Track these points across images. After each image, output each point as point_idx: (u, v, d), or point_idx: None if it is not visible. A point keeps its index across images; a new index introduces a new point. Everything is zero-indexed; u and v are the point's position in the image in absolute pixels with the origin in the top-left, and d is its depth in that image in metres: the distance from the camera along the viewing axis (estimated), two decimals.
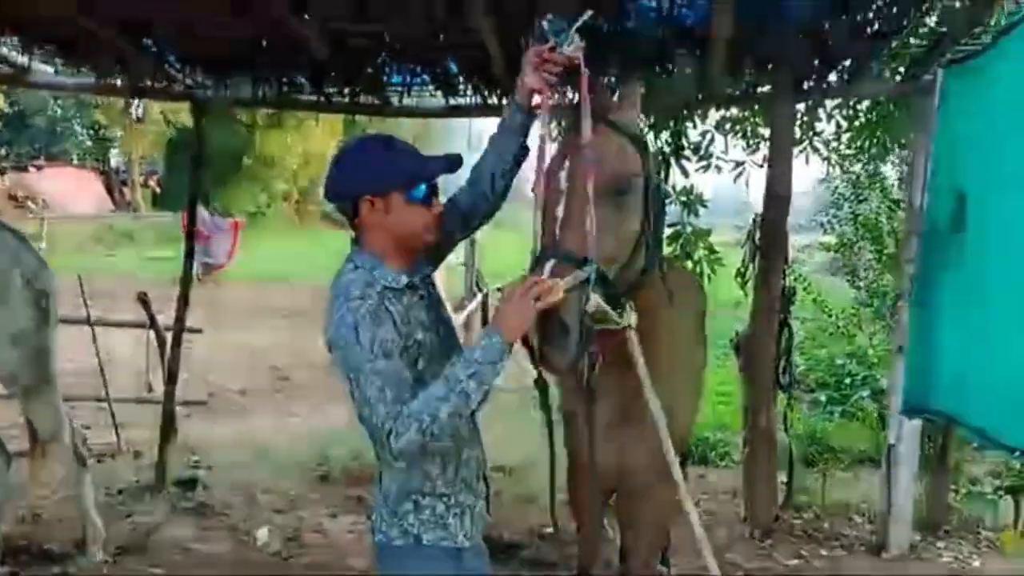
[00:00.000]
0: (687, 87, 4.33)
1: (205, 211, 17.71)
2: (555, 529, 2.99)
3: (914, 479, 4.41)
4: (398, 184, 1.99)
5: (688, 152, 5.27)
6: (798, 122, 5.01)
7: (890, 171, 5.99)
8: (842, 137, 5.50)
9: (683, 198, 5.22)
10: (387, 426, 1.82)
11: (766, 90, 4.39)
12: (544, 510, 2.70)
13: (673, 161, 5.06)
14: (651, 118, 5.31)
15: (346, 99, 4.28)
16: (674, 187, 5.12)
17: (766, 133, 5.75)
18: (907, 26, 3.58)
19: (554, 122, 3.33)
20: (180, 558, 4.26)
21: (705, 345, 2.97)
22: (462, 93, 4.17)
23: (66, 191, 27.08)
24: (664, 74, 3.97)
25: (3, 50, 4.34)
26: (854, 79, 4.22)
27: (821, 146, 5.88)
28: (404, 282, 2.00)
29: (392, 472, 2.04)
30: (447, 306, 2.30)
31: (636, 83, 2.39)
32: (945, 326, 3.30)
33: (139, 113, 29.22)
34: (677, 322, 2.53)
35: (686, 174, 5.17)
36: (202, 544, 4.43)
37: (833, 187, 6.30)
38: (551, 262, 1.94)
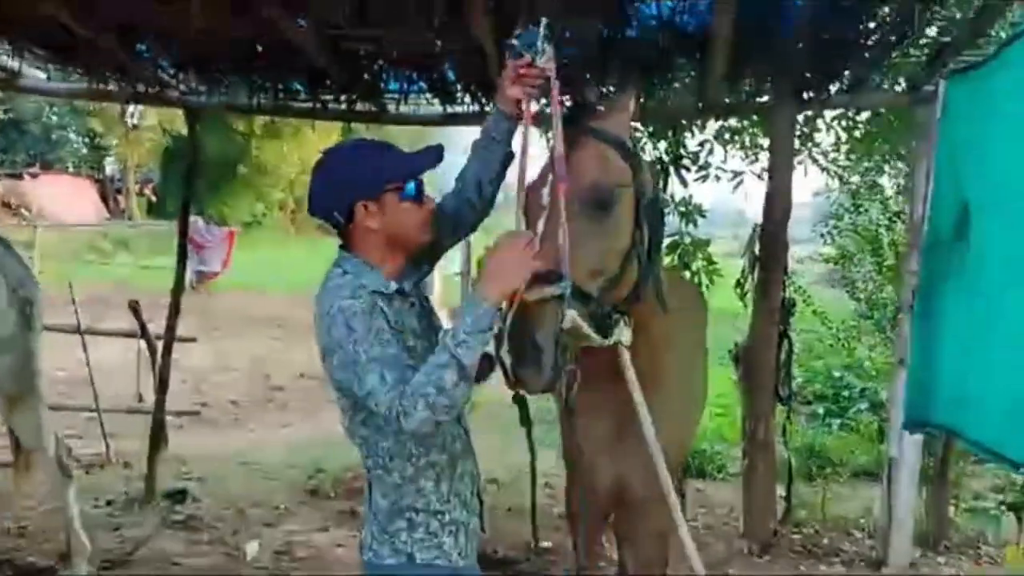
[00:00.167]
0: (687, 96, 4.30)
1: (200, 220, 17.71)
2: (534, 543, 2.93)
3: (915, 493, 4.35)
4: (390, 184, 1.96)
5: (687, 162, 5.23)
6: (797, 133, 4.97)
7: (889, 182, 5.94)
8: (841, 148, 5.46)
9: (681, 208, 5.18)
10: (394, 409, 1.76)
11: (766, 100, 4.35)
12: (540, 525, 2.64)
13: (672, 171, 5.01)
14: (649, 127, 5.29)
15: (342, 106, 4.23)
16: (672, 197, 5.08)
17: (765, 143, 5.74)
18: (909, 36, 3.53)
19: (540, 132, 3.28)
20: (168, 573, 4.17)
21: (706, 359, 2.90)
22: (459, 101, 4.12)
23: (61, 199, 26.95)
24: (664, 82, 3.91)
25: None
26: (855, 89, 4.18)
27: (820, 157, 5.87)
28: (394, 288, 1.96)
29: (384, 487, 1.98)
30: (441, 314, 2.25)
31: (628, 90, 2.33)
32: (947, 338, 3.25)
33: (135, 121, 29.20)
34: (676, 336, 2.46)
35: (685, 184, 5.13)
36: (190, 558, 4.34)
37: (833, 198, 6.27)
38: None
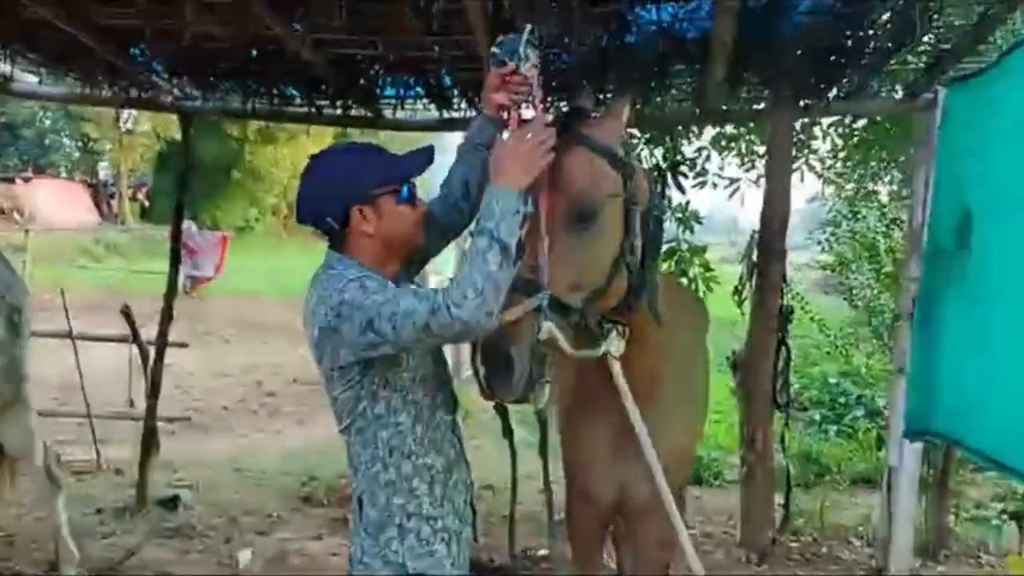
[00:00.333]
0: (686, 102, 4.27)
1: (193, 225, 17.64)
2: (510, 550, 2.88)
3: (915, 502, 4.31)
4: (385, 188, 1.93)
5: (684, 168, 5.21)
6: (793, 140, 4.94)
7: (885, 188, 5.92)
8: (838, 155, 5.44)
9: (679, 215, 5.16)
10: (442, 306, 1.69)
11: (765, 107, 4.32)
12: (534, 533, 2.60)
13: (669, 177, 4.98)
14: (646, 133, 5.26)
15: (338, 111, 4.19)
16: (669, 203, 5.05)
17: (761, 150, 5.73)
18: (909, 43, 3.51)
19: None
20: None
21: (707, 367, 2.87)
22: (456, 107, 4.08)
23: (54, 203, 26.87)
24: (663, 89, 3.88)
25: None
26: (854, 96, 4.15)
27: (816, 164, 5.85)
28: None
29: (376, 488, 1.92)
30: None
31: (623, 97, 2.31)
32: (949, 346, 3.22)
33: (129, 126, 29.14)
34: (678, 345, 2.42)
35: (683, 190, 5.10)
36: (182, 567, 4.27)
37: (828, 205, 6.25)
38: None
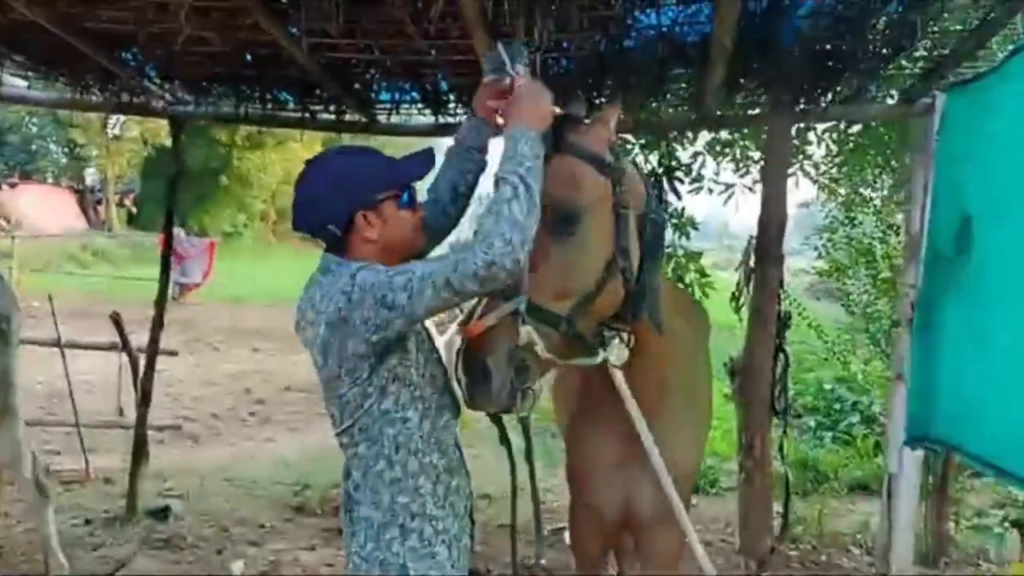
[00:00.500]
0: (683, 107, 4.25)
1: (181, 231, 17.54)
2: (512, 560, 2.86)
3: (916, 510, 4.29)
4: (387, 192, 1.89)
5: (679, 174, 5.19)
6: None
7: (879, 194, 5.91)
8: (834, 160, 5.43)
9: (674, 221, 5.13)
10: (463, 260, 1.68)
11: (762, 112, 4.29)
12: (530, 543, 2.56)
13: (665, 183, 4.96)
14: (642, 139, 5.24)
15: (332, 116, 4.15)
16: (666, 208, 5.02)
17: (756, 156, 5.71)
18: (907, 48, 3.50)
19: None
20: None
21: (710, 374, 2.83)
22: (451, 112, 4.04)
23: (40, 209, 26.66)
24: (661, 93, 3.85)
25: None
26: (851, 101, 4.13)
27: (811, 169, 5.84)
28: None
29: (380, 487, 1.86)
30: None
31: (613, 103, 2.30)
32: (950, 353, 3.19)
33: (116, 132, 28.98)
34: (682, 353, 2.40)
35: (679, 196, 5.08)
36: None
37: (822, 210, 6.25)
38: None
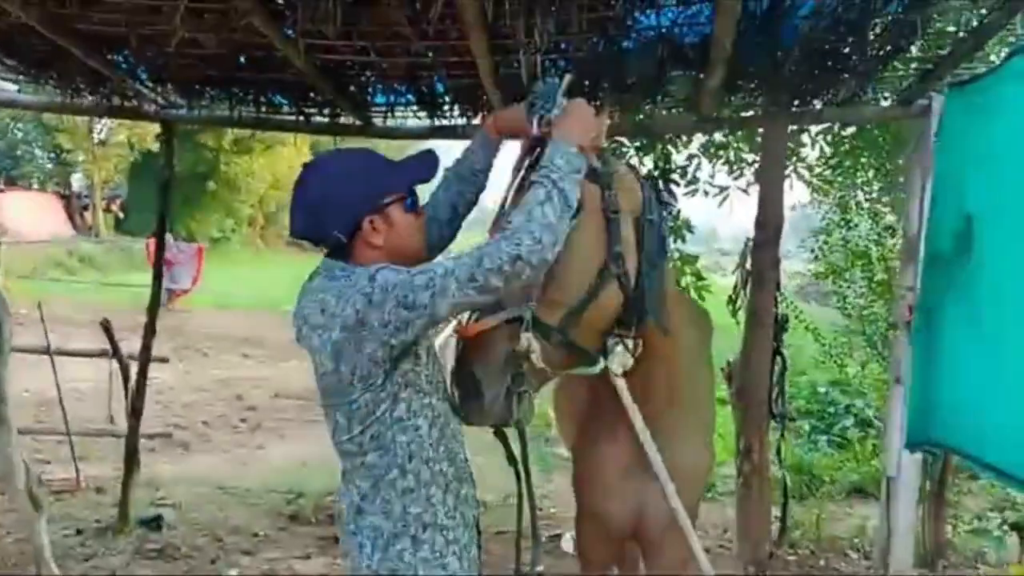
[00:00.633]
0: (680, 109, 4.23)
1: (170, 236, 17.45)
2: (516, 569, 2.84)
3: (914, 513, 4.28)
4: (394, 195, 1.85)
5: (675, 176, 5.18)
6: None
7: (877, 195, 5.91)
8: (828, 162, 5.43)
9: (669, 223, 5.10)
10: (488, 255, 1.66)
11: (759, 114, 4.27)
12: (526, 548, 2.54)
13: (661, 185, 4.93)
14: (636, 142, 5.22)
15: (326, 119, 4.10)
16: (667, 207, 5.00)
17: (749, 158, 5.71)
18: (905, 49, 3.49)
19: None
20: None
21: (712, 379, 2.81)
22: (447, 114, 4.01)
23: (26, 215, 26.46)
24: (660, 95, 3.83)
25: None
26: (847, 103, 4.12)
27: (805, 171, 5.84)
28: None
29: (392, 496, 1.79)
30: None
31: (602, 110, 2.31)
32: (951, 355, 3.17)
33: (102, 137, 28.80)
34: (689, 359, 2.39)
35: (675, 199, 5.05)
36: None
37: (815, 212, 6.25)
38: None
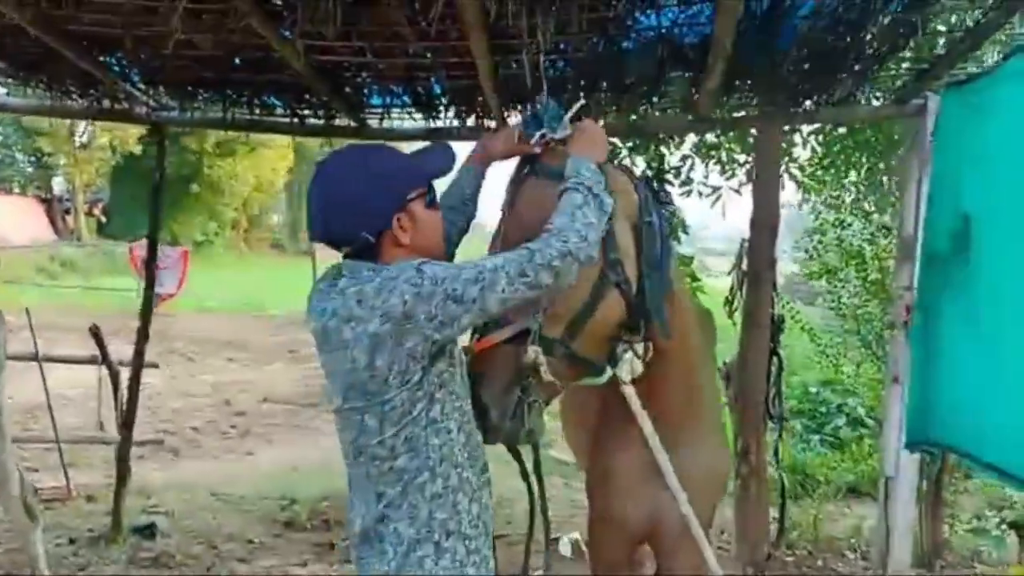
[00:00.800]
0: (676, 110, 4.22)
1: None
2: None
3: (913, 513, 4.29)
4: (418, 190, 1.81)
5: (669, 177, 5.17)
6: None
7: (857, 194, 5.93)
8: (822, 161, 5.44)
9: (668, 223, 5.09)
10: (539, 250, 1.69)
11: (754, 114, 4.27)
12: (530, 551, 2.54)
13: (656, 185, 4.91)
14: (629, 142, 5.21)
15: (320, 121, 4.07)
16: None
17: (741, 159, 5.71)
18: (903, 48, 3.49)
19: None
20: None
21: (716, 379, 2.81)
22: (443, 116, 3.98)
23: (6, 220, 26.22)
24: (658, 96, 3.82)
25: None
26: (842, 103, 4.13)
27: (796, 171, 5.85)
28: None
29: (415, 507, 1.73)
30: None
31: (591, 117, 2.31)
32: (949, 354, 3.19)
33: (84, 140, 28.54)
34: (699, 360, 2.38)
35: (670, 199, 5.04)
36: None
37: (816, 213, 6.27)
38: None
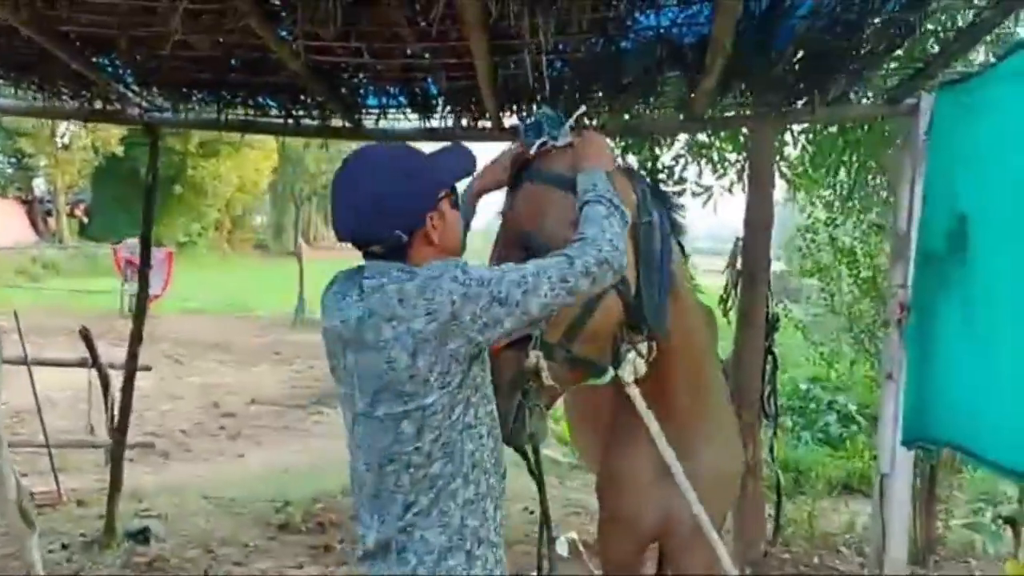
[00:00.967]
0: (666, 109, 4.22)
1: (137, 242, 17.21)
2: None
3: (909, 510, 4.30)
4: (445, 189, 1.79)
5: (662, 176, 5.17)
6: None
7: (856, 193, 5.96)
8: (814, 160, 5.46)
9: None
10: (579, 256, 1.71)
11: (746, 114, 4.28)
12: (525, 552, 2.55)
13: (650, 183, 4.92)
14: (622, 142, 5.21)
15: (316, 122, 4.04)
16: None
17: (732, 158, 5.72)
18: (899, 48, 3.51)
19: None
20: None
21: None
22: (439, 116, 3.96)
23: None
24: (655, 96, 3.82)
25: None
26: (836, 102, 4.14)
27: (786, 170, 5.87)
28: None
29: (447, 514, 1.68)
30: None
31: (580, 119, 2.32)
32: (945, 351, 3.21)
33: (65, 141, 28.27)
34: (706, 357, 2.38)
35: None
36: None
37: (807, 211, 6.30)
38: None
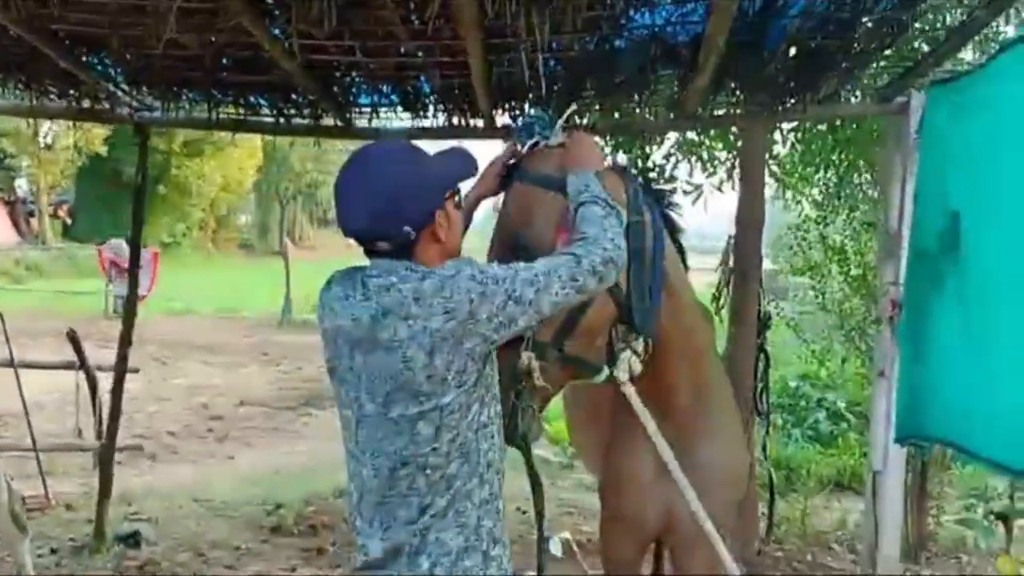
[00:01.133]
0: (658, 107, 4.22)
1: (124, 242, 17.09)
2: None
3: (902, 507, 4.32)
4: (452, 187, 1.77)
5: (653, 175, 5.18)
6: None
7: (844, 191, 5.98)
8: (804, 157, 5.48)
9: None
10: (586, 255, 1.71)
11: (734, 112, 4.28)
12: (519, 552, 2.56)
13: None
14: (613, 140, 5.21)
15: (307, 121, 4.01)
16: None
17: (722, 156, 5.74)
18: (892, 45, 3.52)
19: None
20: None
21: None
22: (431, 114, 3.95)
23: None
24: (648, 94, 3.82)
25: None
26: (827, 100, 4.15)
27: (776, 168, 5.89)
28: None
29: (464, 515, 1.65)
30: None
31: (570, 119, 2.34)
32: (939, 349, 3.22)
33: (48, 140, 28.03)
34: (707, 356, 2.39)
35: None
36: None
37: (796, 209, 6.33)
38: None
